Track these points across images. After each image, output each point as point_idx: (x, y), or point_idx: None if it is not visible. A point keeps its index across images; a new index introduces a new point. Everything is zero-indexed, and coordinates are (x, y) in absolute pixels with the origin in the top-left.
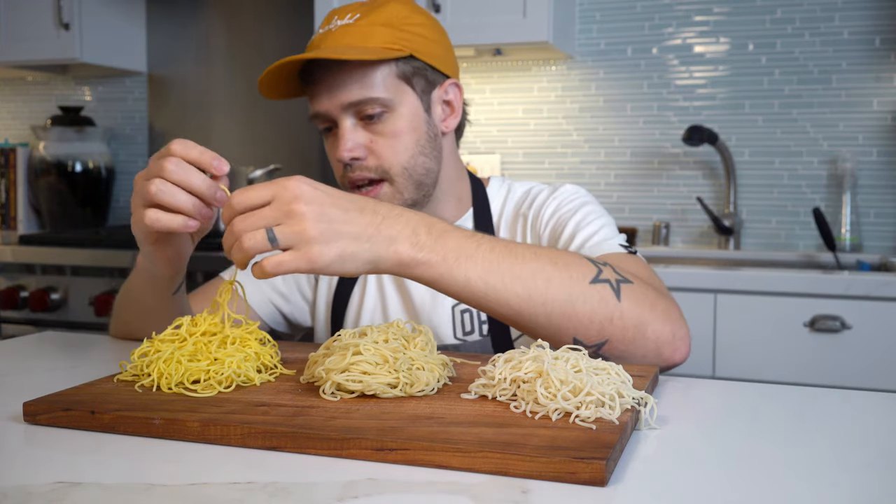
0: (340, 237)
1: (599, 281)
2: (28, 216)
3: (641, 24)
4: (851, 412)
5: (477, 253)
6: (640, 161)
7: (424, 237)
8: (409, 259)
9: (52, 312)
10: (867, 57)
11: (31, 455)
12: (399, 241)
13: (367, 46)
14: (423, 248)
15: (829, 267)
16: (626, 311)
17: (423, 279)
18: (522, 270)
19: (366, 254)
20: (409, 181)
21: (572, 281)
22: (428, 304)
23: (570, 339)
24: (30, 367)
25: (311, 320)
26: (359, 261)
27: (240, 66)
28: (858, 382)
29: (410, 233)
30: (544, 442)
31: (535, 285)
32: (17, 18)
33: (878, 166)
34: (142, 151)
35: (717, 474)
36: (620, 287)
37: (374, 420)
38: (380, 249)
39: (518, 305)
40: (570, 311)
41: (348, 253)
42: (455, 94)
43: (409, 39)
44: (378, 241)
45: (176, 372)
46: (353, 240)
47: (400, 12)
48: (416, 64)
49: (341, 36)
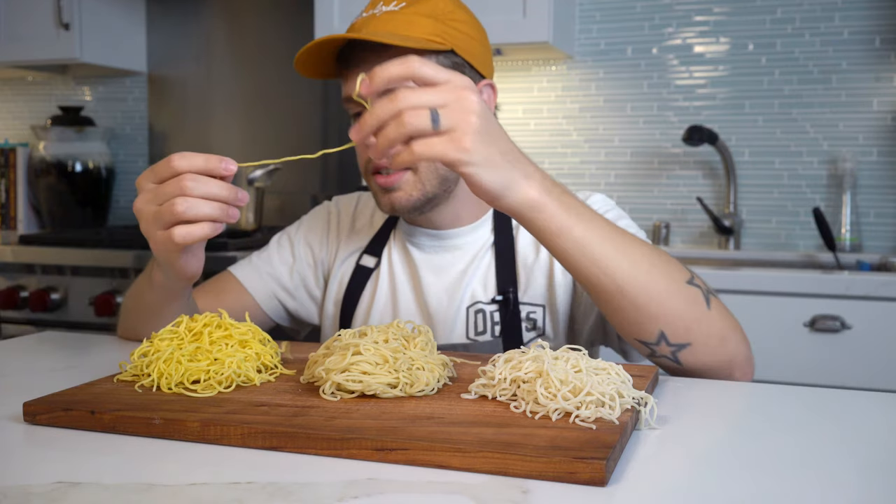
0: (494, 143)
1: (693, 284)
2: (28, 216)
3: (641, 24)
4: (851, 412)
5: (595, 219)
6: (640, 161)
7: (552, 187)
8: (537, 200)
9: (52, 312)
10: (867, 57)
11: (31, 455)
12: (534, 179)
13: (410, 35)
14: (552, 194)
15: (829, 267)
16: (714, 320)
17: (540, 225)
18: (632, 250)
19: (505, 172)
20: (433, 174)
21: (672, 275)
22: (444, 303)
23: (655, 333)
24: (30, 367)
25: (319, 318)
26: (496, 174)
27: (240, 66)
28: (858, 382)
29: (542, 177)
30: (544, 442)
31: (641, 267)
32: (17, 18)
33: (878, 166)
34: (142, 151)
35: (718, 474)
36: (710, 297)
37: (374, 420)
38: (517, 176)
39: (622, 280)
40: (667, 301)
41: (493, 161)
42: (489, 95)
43: (452, 34)
44: (518, 168)
45: (176, 372)
46: (502, 154)
47: (445, 6)
48: (456, 59)
49: (384, 22)
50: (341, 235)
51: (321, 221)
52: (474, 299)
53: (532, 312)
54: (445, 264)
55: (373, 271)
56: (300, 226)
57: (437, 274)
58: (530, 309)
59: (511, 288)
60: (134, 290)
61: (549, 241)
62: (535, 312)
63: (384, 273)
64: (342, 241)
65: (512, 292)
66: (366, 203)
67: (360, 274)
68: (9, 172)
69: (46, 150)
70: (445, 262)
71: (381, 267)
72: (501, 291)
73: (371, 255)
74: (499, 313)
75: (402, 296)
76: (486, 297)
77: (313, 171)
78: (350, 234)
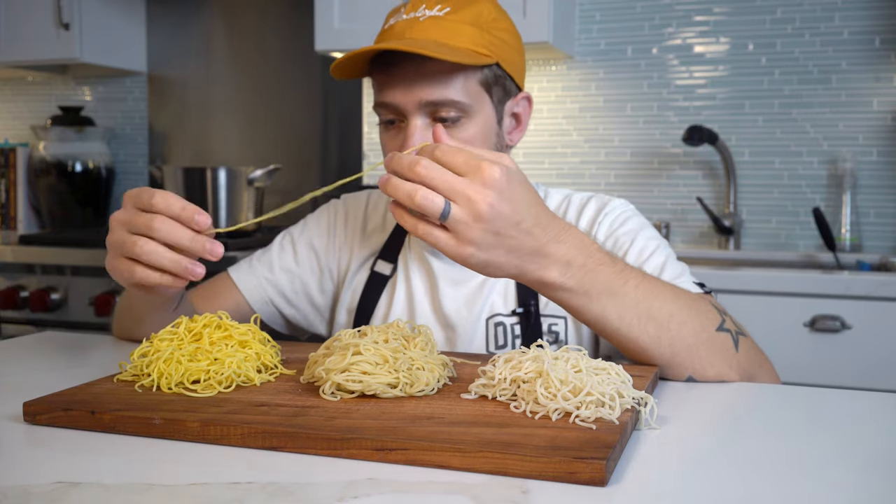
0: (497, 247)
1: (723, 329)
2: (28, 216)
3: (641, 24)
4: (851, 412)
5: (622, 290)
6: (640, 161)
7: (577, 269)
8: (553, 284)
9: (52, 312)
10: (867, 57)
11: (31, 455)
12: (551, 266)
13: (455, 46)
14: (572, 278)
15: (829, 267)
16: (742, 361)
17: (561, 303)
18: (660, 312)
19: (512, 268)
20: None
21: (702, 327)
22: (463, 315)
23: (683, 376)
24: (30, 367)
25: (328, 326)
26: (502, 272)
27: (240, 65)
28: (858, 382)
29: (565, 262)
30: (544, 442)
31: (669, 328)
32: (17, 18)
33: (878, 166)
34: (142, 151)
35: (718, 474)
36: (739, 339)
37: (374, 420)
38: (528, 267)
39: (646, 343)
40: (695, 354)
41: (496, 264)
42: (525, 107)
43: (496, 45)
44: (531, 260)
45: (176, 372)
46: (507, 252)
47: (490, 13)
48: (498, 72)
49: (428, 28)
50: (353, 240)
51: (328, 224)
52: (493, 311)
53: (554, 325)
54: (465, 276)
55: (388, 279)
56: (304, 228)
57: (456, 286)
58: (552, 321)
59: (532, 300)
60: (125, 294)
61: (570, 312)
62: (557, 325)
63: (400, 281)
64: (355, 247)
65: (533, 305)
66: (376, 203)
67: (375, 281)
68: (9, 172)
69: (46, 150)
70: (465, 273)
71: (397, 274)
72: (522, 304)
73: (386, 262)
74: (519, 326)
75: (419, 306)
76: (506, 310)
77: (314, 170)
78: (363, 239)
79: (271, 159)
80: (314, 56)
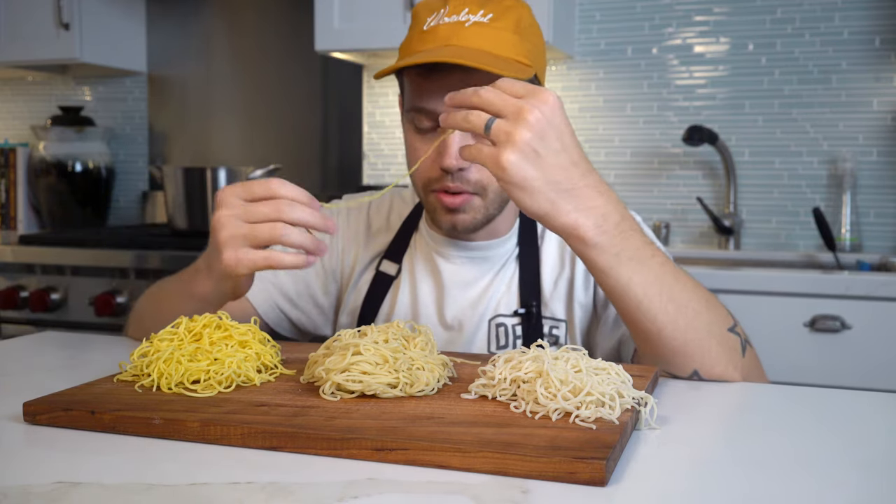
0: (537, 167)
1: (734, 332)
2: (28, 216)
3: (641, 24)
4: (851, 412)
5: (650, 262)
6: (640, 161)
7: (612, 227)
8: (586, 236)
9: (52, 312)
10: (867, 57)
11: (31, 455)
12: (588, 213)
13: (499, 55)
14: (605, 234)
15: (829, 267)
16: (746, 366)
17: (588, 260)
18: (680, 295)
19: (546, 202)
20: (498, 198)
21: (716, 322)
22: (467, 315)
23: (688, 371)
24: (30, 367)
25: (332, 327)
26: (535, 200)
27: (240, 65)
28: (858, 382)
29: (602, 214)
30: (544, 442)
31: (686, 313)
32: (17, 18)
33: (878, 166)
34: (142, 151)
35: (717, 474)
36: (746, 345)
37: (374, 420)
38: (563, 207)
39: (663, 323)
40: (706, 346)
41: (532, 188)
42: None
43: (534, 54)
44: (567, 198)
45: (176, 372)
46: (546, 180)
47: (527, 19)
48: (534, 82)
49: (474, 36)
50: (357, 240)
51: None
52: (496, 312)
53: (555, 328)
54: (473, 279)
55: (393, 280)
56: None
57: (464, 288)
58: (553, 324)
59: (534, 301)
60: (160, 296)
61: (595, 274)
62: (558, 328)
63: (405, 282)
64: (360, 248)
65: (535, 306)
66: (378, 204)
67: (380, 281)
68: (9, 172)
69: (46, 150)
70: (473, 276)
71: (402, 275)
72: (524, 304)
73: (391, 262)
74: (521, 327)
75: (423, 308)
76: (508, 310)
77: (314, 170)
78: (367, 241)
79: (271, 159)
80: (314, 56)
